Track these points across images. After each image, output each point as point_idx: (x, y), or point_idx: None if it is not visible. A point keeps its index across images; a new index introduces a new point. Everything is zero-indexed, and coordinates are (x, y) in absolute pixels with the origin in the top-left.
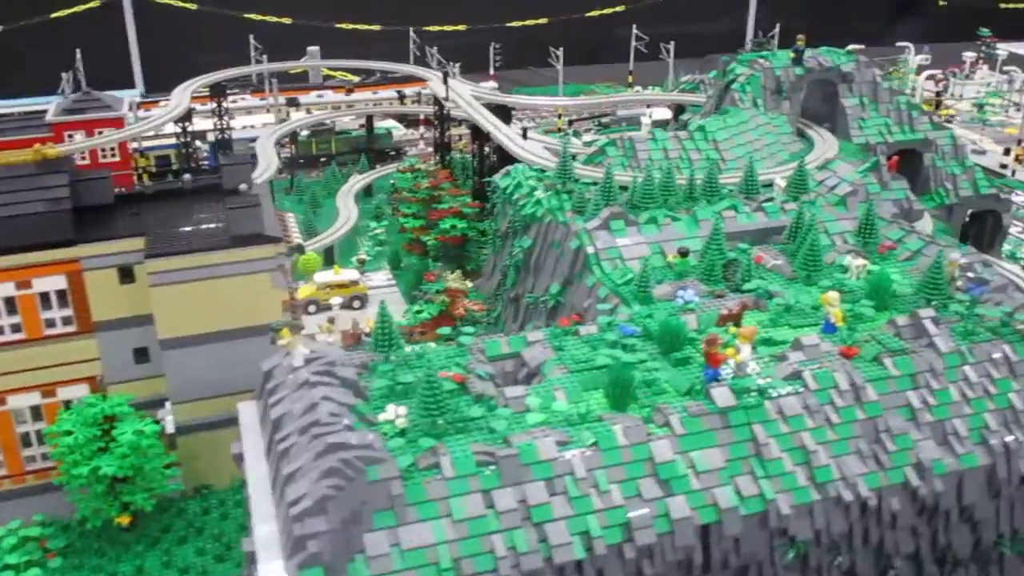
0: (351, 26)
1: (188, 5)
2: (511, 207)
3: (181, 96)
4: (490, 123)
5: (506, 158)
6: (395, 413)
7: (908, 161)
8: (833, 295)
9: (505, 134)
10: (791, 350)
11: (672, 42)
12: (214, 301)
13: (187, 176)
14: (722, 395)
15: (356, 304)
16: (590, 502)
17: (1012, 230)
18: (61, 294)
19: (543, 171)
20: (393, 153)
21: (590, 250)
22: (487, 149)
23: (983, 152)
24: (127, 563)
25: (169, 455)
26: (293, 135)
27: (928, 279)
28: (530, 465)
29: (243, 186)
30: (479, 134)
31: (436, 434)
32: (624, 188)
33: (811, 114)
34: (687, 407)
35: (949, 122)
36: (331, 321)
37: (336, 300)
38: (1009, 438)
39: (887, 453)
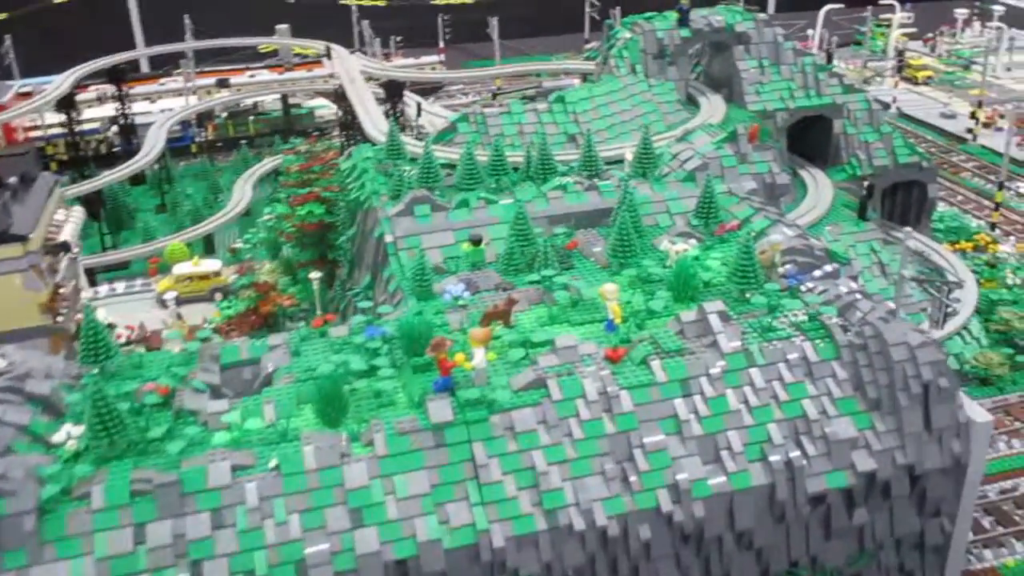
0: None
1: None
2: (344, 191)
3: (63, 81)
4: (358, 99)
5: None
6: (67, 434)
7: (817, 129)
8: (610, 287)
9: (366, 111)
10: (546, 353)
11: (619, 7)
12: None
13: None
14: (438, 409)
15: (218, 297)
16: (261, 536)
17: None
18: None
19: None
20: (317, 133)
21: (388, 238)
22: None
23: (952, 116)
24: None
25: None
26: (207, 117)
27: (737, 266)
28: (194, 494)
29: (12, 179)
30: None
31: (111, 457)
32: (453, 167)
33: (716, 79)
34: (397, 423)
35: (926, 84)
36: (179, 317)
37: (170, 295)
38: (794, 454)
39: (638, 473)
